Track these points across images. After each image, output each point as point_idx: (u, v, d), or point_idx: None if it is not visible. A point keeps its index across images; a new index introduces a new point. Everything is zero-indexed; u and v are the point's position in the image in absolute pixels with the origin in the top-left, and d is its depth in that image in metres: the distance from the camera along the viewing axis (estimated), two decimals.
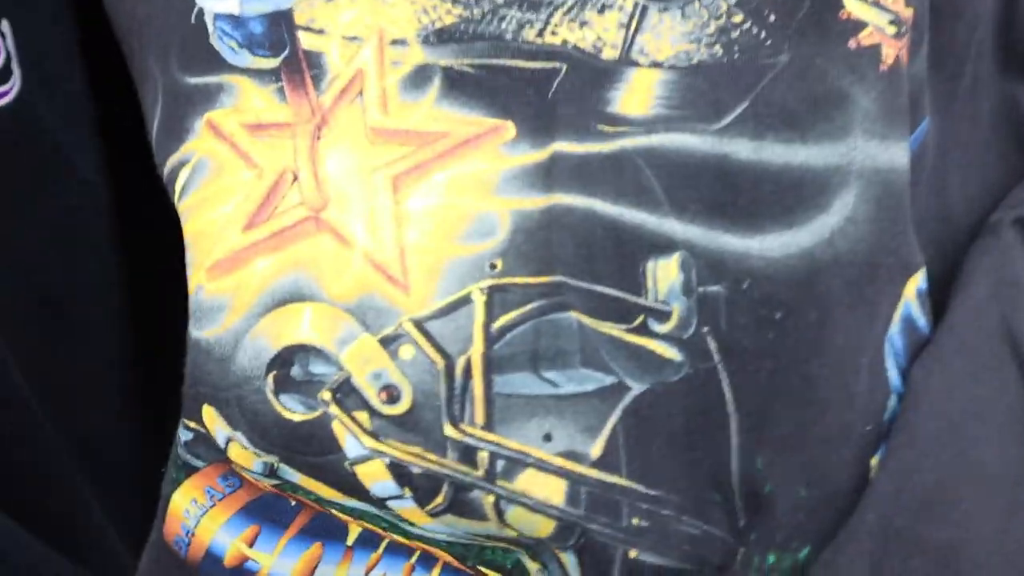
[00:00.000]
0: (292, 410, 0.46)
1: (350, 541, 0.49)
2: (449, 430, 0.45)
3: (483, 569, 0.48)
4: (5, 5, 0.48)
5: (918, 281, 0.47)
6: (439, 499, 0.46)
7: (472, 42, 0.45)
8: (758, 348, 0.45)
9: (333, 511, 0.48)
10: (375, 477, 0.46)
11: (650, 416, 0.45)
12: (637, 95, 0.45)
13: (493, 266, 0.45)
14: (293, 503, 0.49)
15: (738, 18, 0.45)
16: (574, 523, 0.45)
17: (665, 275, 0.45)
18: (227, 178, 0.46)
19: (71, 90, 0.52)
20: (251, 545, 0.49)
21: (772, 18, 0.45)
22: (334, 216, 0.45)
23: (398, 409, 0.45)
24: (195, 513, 0.49)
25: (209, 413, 0.47)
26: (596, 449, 0.45)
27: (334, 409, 0.46)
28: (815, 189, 0.45)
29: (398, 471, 0.46)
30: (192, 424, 0.48)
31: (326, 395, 0.46)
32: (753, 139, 0.45)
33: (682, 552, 0.46)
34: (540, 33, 0.45)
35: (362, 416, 0.46)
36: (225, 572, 0.49)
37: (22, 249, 0.49)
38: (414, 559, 0.49)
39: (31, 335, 0.50)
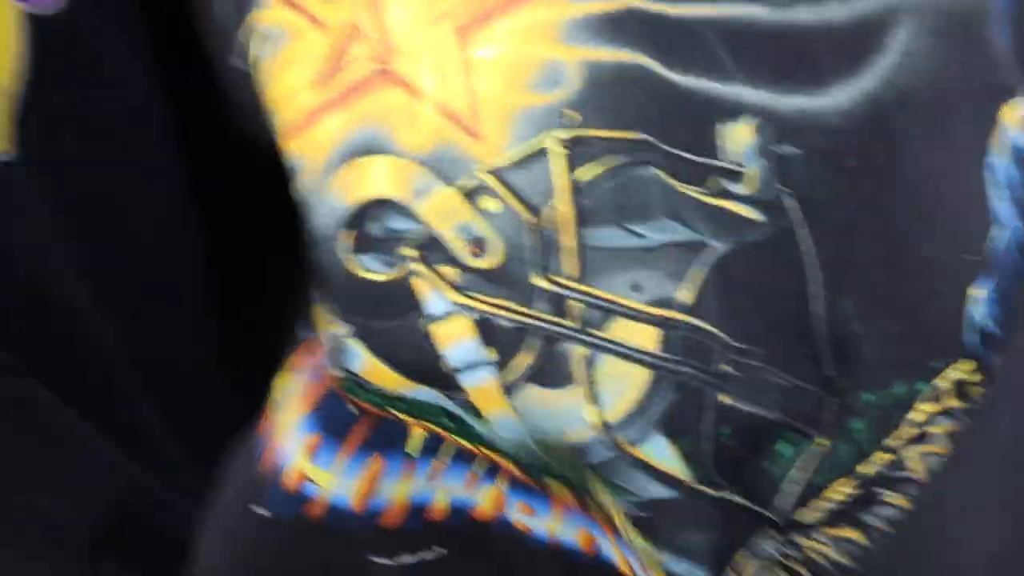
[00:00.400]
0: (371, 270, 0.46)
1: (411, 449, 0.49)
2: (539, 280, 0.45)
3: (549, 481, 0.48)
4: None
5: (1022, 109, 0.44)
6: (525, 358, 0.45)
7: None
8: (834, 197, 0.44)
9: (394, 411, 0.48)
10: (455, 336, 0.46)
11: (734, 274, 0.45)
12: None
13: (567, 116, 0.44)
14: (354, 410, 0.49)
15: None
16: (666, 372, 0.45)
17: (738, 138, 0.44)
18: (297, 41, 0.45)
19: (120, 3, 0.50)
20: (312, 459, 0.49)
21: None
22: (402, 68, 0.44)
23: (486, 262, 0.45)
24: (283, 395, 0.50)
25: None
26: (684, 294, 0.45)
27: (417, 265, 0.45)
28: (869, 33, 0.44)
29: (483, 327, 0.45)
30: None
31: (409, 250, 0.45)
32: (813, 3, 0.44)
33: (772, 401, 0.46)
34: None
35: (447, 270, 0.45)
36: (283, 496, 0.49)
37: (69, 165, 0.48)
38: (478, 467, 0.49)
39: (89, 248, 0.50)
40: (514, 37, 0.44)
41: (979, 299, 0.45)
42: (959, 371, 0.46)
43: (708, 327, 0.45)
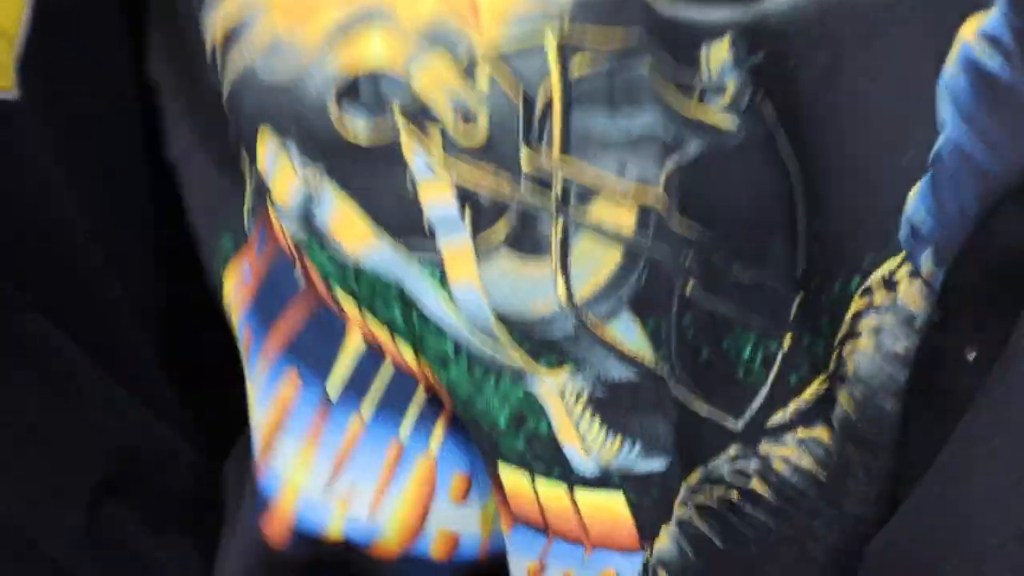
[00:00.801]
0: (354, 129, 0.46)
1: (332, 388, 0.49)
2: (525, 153, 0.45)
3: (481, 423, 0.48)
4: None
5: (981, 22, 0.46)
6: (501, 227, 0.45)
7: None
8: (799, 102, 0.45)
9: (341, 291, 0.47)
10: (436, 197, 0.45)
11: (709, 170, 0.46)
12: None
13: (565, 8, 0.44)
14: (299, 278, 0.48)
15: None
16: (639, 251, 0.46)
17: (717, 55, 0.45)
18: None
19: None
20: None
21: None
22: None
23: (473, 134, 0.45)
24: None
25: (264, 138, 0.46)
26: (663, 178, 0.46)
27: (403, 121, 0.45)
28: None
29: (463, 196, 0.45)
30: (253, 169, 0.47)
31: (396, 110, 0.45)
32: None
33: (735, 298, 0.47)
34: None
35: (435, 133, 0.45)
36: None
37: (71, 109, 0.50)
38: (407, 424, 0.49)
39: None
40: None
41: (913, 196, 0.47)
42: (888, 265, 0.47)
43: (682, 217, 0.46)
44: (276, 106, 0.45)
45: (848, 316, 0.47)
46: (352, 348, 0.49)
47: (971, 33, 0.46)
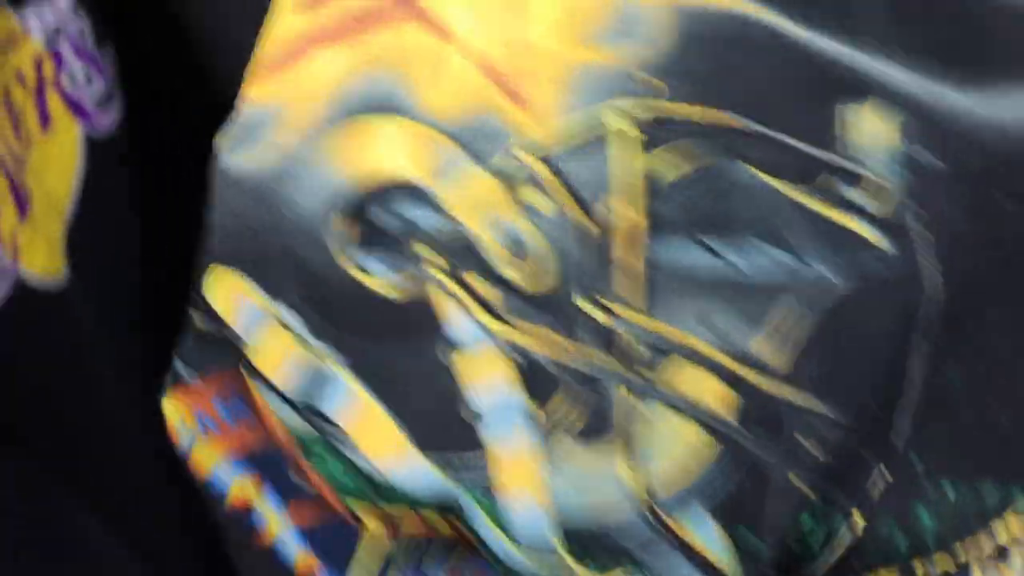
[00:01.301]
0: (371, 272, 0.39)
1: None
2: (585, 305, 0.38)
3: None
4: (106, 30, 0.47)
5: None
6: (559, 404, 0.39)
7: None
8: (977, 239, 0.38)
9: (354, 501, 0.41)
10: (484, 374, 0.39)
11: (837, 314, 0.38)
12: None
13: (639, 82, 0.38)
14: (298, 482, 0.42)
15: None
16: (732, 443, 0.39)
17: (862, 125, 0.38)
18: None
19: (167, 118, 0.49)
20: (257, 495, 0.43)
21: None
22: None
23: (523, 272, 0.38)
24: (186, 435, 0.43)
25: (229, 283, 0.40)
26: (760, 345, 0.38)
27: (435, 270, 0.38)
28: None
29: (523, 366, 0.39)
30: (196, 314, 0.41)
31: (423, 248, 0.38)
32: None
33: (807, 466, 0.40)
34: None
35: (479, 284, 0.38)
36: (230, 513, 0.42)
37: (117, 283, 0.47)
38: None
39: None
40: None
41: None
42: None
43: (791, 398, 0.39)
44: (255, 229, 0.40)
45: (994, 530, 0.41)
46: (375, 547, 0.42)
47: None
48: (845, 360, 0.39)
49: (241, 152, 0.40)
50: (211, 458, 0.43)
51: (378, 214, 0.39)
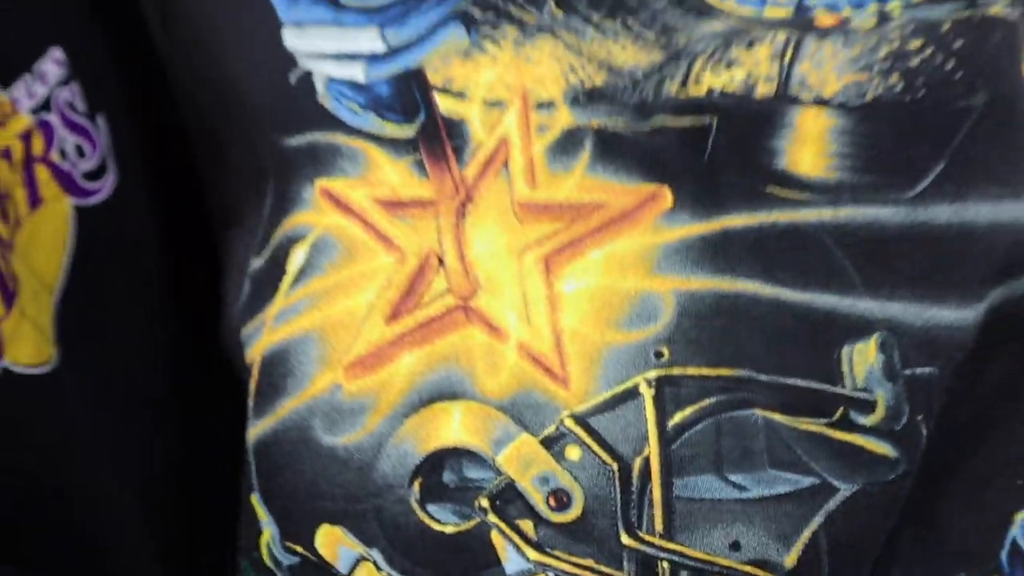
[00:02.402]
0: (443, 521, 0.43)
1: None
2: (626, 538, 0.41)
3: None
4: (99, 99, 0.46)
5: None
6: None
7: (623, 103, 0.41)
8: (967, 421, 0.42)
9: None
10: None
11: (861, 520, 0.41)
12: (809, 147, 0.41)
13: (659, 354, 0.41)
14: None
15: (915, 43, 0.40)
16: None
17: (863, 360, 0.40)
18: (363, 262, 0.43)
19: (161, 185, 0.50)
20: None
21: (958, 45, 0.39)
22: (484, 304, 0.42)
23: (568, 516, 0.42)
24: None
25: (331, 534, 0.44)
26: (791, 559, 0.41)
27: (493, 517, 0.42)
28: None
29: None
30: (298, 548, 0.44)
31: (484, 501, 0.42)
32: (953, 201, 0.41)
33: None
34: (683, 84, 0.41)
35: (526, 524, 0.42)
36: None
37: (120, 353, 0.48)
38: None
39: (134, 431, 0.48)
40: (607, 268, 0.41)
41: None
42: None
43: None
44: (353, 492, 0.43)
45: None
46: None
47: None
48: (852, 553, 0.41)
49: (340, 434, 0.43)
50: None
51: (448, 476, 0.42)
